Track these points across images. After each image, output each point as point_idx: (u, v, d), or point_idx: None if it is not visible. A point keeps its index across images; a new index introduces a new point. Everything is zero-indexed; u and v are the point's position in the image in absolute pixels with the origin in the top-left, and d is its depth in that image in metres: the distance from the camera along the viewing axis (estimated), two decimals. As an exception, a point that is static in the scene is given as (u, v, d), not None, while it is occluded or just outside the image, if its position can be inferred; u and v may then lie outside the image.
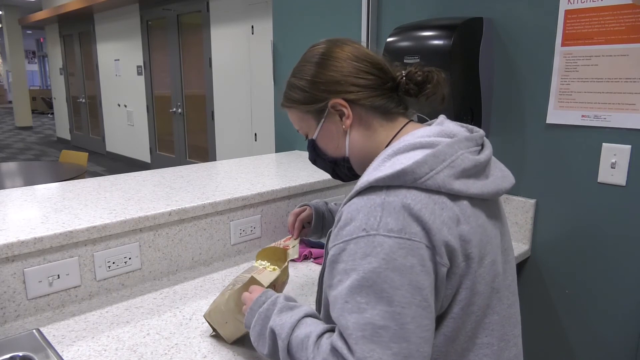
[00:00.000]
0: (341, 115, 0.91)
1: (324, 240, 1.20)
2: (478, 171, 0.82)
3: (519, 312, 0.92)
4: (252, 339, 0.90)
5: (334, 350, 0.74)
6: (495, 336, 0.83)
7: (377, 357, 0.69)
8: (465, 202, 0.78)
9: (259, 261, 1.19)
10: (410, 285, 0.71)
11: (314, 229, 1.25)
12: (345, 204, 0.80)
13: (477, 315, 0.80)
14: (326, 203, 1.30)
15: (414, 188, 0.75)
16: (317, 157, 1.00)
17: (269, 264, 1.18)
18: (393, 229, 0.72)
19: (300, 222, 1.24)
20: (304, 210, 1.26)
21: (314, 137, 0.97)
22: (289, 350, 0.81)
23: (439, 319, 0.79)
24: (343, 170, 0.98)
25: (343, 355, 0.72)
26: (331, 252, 0.77)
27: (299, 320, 0.83)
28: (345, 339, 0.73)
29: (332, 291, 0.76)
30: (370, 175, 0.78)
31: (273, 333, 0.84)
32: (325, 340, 0.76)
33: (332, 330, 0.79)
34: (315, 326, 0.81)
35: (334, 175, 1.02)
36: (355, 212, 0.76)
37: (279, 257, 1.19)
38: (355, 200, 0.78)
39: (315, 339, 0.78)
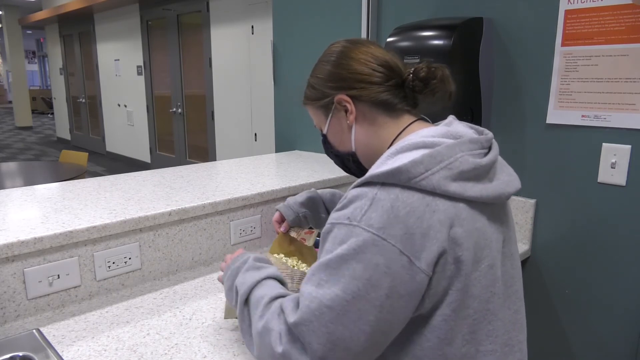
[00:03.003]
0: (346, 110, 0.94)
1: None
2: (478, 174, 0.80)
3: (524, 317, 0.91)
4: (224, 292, 0.97)
5: (280, 310, 0.79)
6: (499, 342, 0.82)
7: (313, 328, 0.73)
8: (461, 205, 0.77)
9: (280, 255, 1.19)
10: (368, 281, 0.72)
11: (312, 216, 1.26)
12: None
13: (475, 319, 0.79)
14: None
15: (408, 187, 0.75)
16: (328, 151, 1.05)
17: (282, 256, 1.19)
18: (373, 225, 0.74)
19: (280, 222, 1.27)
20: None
21: (325, 132, 1.01)
22: (245, 306, 0.87)
23: (428, 319, 0.78)
24: (351, 164, 1.02)
25: (286, 313, 0.77)
26: (324, 229, 0.81)
27: (259, 281, 0.89)
28: (297, 303, 0.77)
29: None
30: (370, 171, 0.80)
31: (236, 289, 0.91)
32: (277, 303, 0.82)
33: (286, 296, 0.84)
34: (272, 289, 0.86)
35: (345, 169, 1.06)
36: (349, 202, 0.79)
37: (288, 245, 1.21)
38: (352, 190, 0.81)
39: (268, 301, 0.83)
